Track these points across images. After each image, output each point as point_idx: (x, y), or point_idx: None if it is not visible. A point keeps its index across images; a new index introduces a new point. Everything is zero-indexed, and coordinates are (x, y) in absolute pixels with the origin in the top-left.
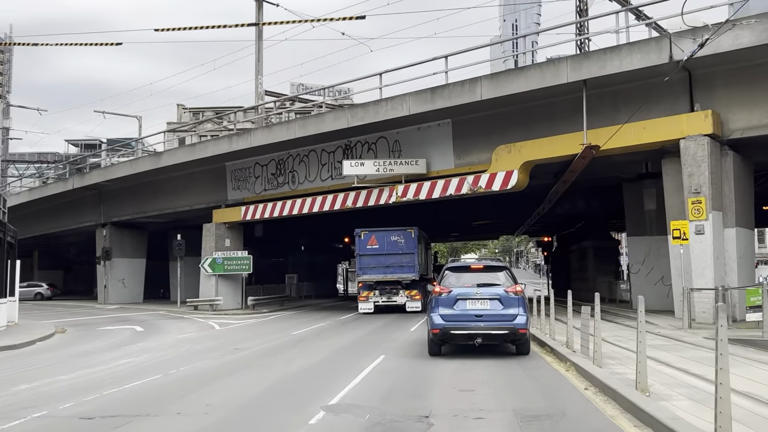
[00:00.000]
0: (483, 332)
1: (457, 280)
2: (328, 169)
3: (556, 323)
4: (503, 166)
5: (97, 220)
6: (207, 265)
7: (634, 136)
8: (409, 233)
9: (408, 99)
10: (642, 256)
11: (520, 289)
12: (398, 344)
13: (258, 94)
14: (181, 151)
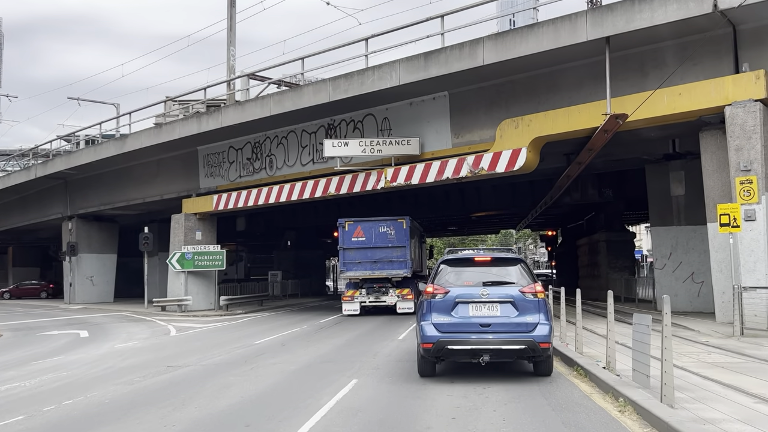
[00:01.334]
0: (491, 347)
1: (457, 277)
2: (309, 152)
3: (584, 332)
4: (509, 144)
5: (64, 212)
6: (175, 261)
7: (668, 104)
8: (400, 224)
9: (398, 66)
10: (668, 250)
11: (540, 289)
12: (380, 360)
13: (230, 67)
14: (146, 134)
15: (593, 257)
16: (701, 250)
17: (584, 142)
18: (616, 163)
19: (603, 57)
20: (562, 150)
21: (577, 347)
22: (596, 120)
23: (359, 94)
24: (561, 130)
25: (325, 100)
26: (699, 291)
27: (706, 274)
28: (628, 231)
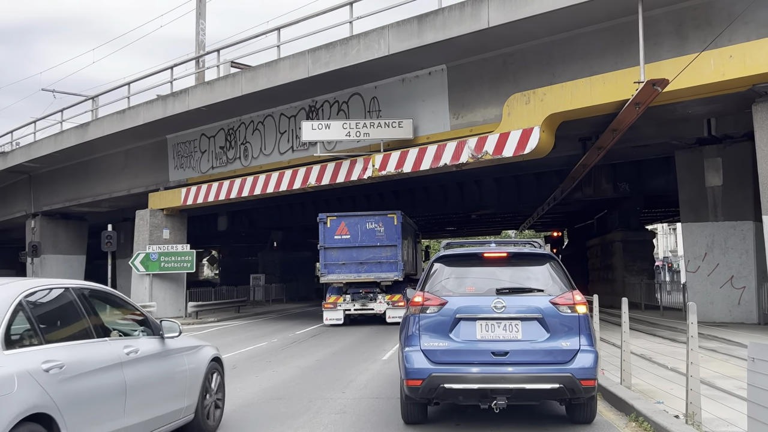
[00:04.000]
0: (510, 386)
1: (459, 282)
2: (288, 139)
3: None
4: (519, 123)
5: (28, 209)
6: (138, 263)
7: (715, 69)
8: (390, 219)
9: (387, 33)
10: (702, 250)
11: (581, 299)
12: (351, 395)
13: (199, 42)
14: (109, 120)
15: (606, 259)
16: (742, 249)
17: (607, 121)
18: (639, 150)
19: (633, 17)
20: (576, 133)
21: (623, 378)
22: (625, 91)
23: (342, 67)
24: (581, 105)
25: (304, 75)
26: (740, 298)
27: (748, 278)
28: (648, 230)
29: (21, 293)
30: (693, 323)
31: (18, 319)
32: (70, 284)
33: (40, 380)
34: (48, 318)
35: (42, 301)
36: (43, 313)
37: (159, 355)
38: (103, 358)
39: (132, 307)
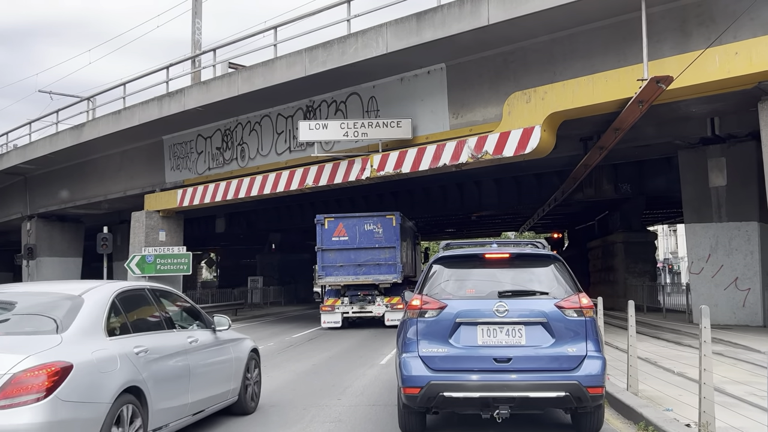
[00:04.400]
0: (513, 395)
1: (459, 284)
2: (285, 139)
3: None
4: (519, 122)
5: (23, 211)
6: (134, 265)
7: (720, 66)
8: (388, 220)
9: (385, 31)
10: (706, 251)
11: (587, 303)
12: (346, 403)
13: (195, 41)
14: (104, 121)
15: (608, 261)
16: (747, 251)
17: (609, 120)
18: (641, 150)
19: (635, 14)
20: (577, 133)
21: (630, 383)
22: (628, 89)
23: (340, 65)
24: (583, 103)
25: (301, 75)
26: (744, 300)
27: (753, 279)
28: (649, 231)
29: (113, 293)
30: (706, 327)
31: (113, 313)
32: (145, 285)
33: (133, 361)
34: (133, 313)
35: (127, 299)
36: (129, 308)
37: (212, 345)
38: (173, 345)
39: (189, 304)
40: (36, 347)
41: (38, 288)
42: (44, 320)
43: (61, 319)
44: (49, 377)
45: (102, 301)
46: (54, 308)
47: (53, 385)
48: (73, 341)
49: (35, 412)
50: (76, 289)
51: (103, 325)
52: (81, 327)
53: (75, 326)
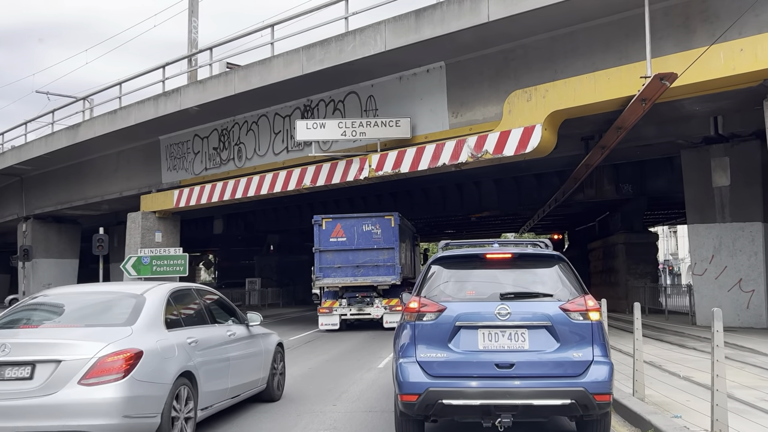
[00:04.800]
0: (516, 402)
1: (459, 286)
2: (282, 139)
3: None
4: (520, 120)
5: (20, 212)
6: (130, 267)
7: (725, 63)
8: (387, 221)
9: (383, 29)
10: (709, 252)
11: (593, 305)
12: (342, 409)
13: (191, 40)
14: (100, 121)
15: (609, 262)
16: (751, 251)
17: (610, 119)
18: (643, 150)
19: (637, 11)
20: (578, 132)
21: (636, 389)
22: (630, 87)
23: (338, 64)
24: (585, 102)
25: (298, 73)
26: (749, 302)
27: (758, 281)
28: (651, 232)
29: (168, 292)
30: (719, 331)
31: (169, 309)
32: (192, 286)
33: (186, 350)
34: (183, 308)
35: (178, 297)
36: (180, 305)
37: (246, 338)
38: (216, 337)
39: (225, 301)
40: (114, 337)
41: (107, 288)
42: (116, 315)
43: (129, 314)
44: (126, 361)
45: (160, 299)
46: (122, 305)
47: (129, 367)
48: (141, 332)
49: (116, 389)
50: (138, 288)
51: (162, 319)
52: (146, 321)
53: (141, 320)
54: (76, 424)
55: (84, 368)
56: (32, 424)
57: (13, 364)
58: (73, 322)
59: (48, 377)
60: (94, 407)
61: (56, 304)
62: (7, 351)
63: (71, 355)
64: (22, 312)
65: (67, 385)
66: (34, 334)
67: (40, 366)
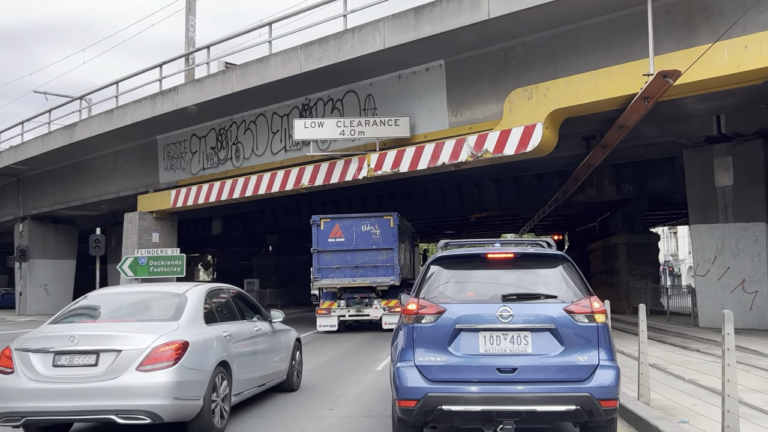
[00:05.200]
0: (518, 408)
1: (459, 287)
2: (280, 139)
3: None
4: (520, 119)
5: (17, 213)
6: (126, 267)
7: (729, 60)
8: (386, 221)
9: (382, 26)
10: (712, 252)
11: (600, 307)
12: (339, 413)
13: (188, 39)
14: (97, 120)
15: (609, 263)
16: (754, 252)
17: (612, 118)
18: (644, 150)
19: (639, 8)
20: (579, 131)
21: (641, 392)
22: (633, 85)
23: (336, 62)
24: (586, 100)
25: (296, 72)
26: (752, 303)
27: (761, 282)
28: (652, 233)
29: (205, 291)
30: (729, 334)
31: (206, 307)
32: (224, 286)
33: (222, 342)
34: (218, 306)
35: (213, 296)
36: (216, 303)
37: (270, 333)
38: (245, 332)
39: (251, 300)
40: (163, 330)
41: (151, 288)
42: (163, 311)
43: (174, 311)
44: (175, 351)
45: (199, 297)
46: (167, 303)
47: (178, 356)
48: (186, 326)
49: (168, 374)
50: (179, 288)
51: (201, 315)
52: (189, 316)
53: (185, 315)
54: (135, 404)
55: (141, 356)
56: (99, 404)
57: (81, 353)
58: (127, 317)
59: (111, 364)
60: (150, 390)
61: (109, 303)
62: (75, 341)
63: (129, 345)
64: (80, 309)
65: (127, 371)
66: (96, 328)
67: (104, 354)
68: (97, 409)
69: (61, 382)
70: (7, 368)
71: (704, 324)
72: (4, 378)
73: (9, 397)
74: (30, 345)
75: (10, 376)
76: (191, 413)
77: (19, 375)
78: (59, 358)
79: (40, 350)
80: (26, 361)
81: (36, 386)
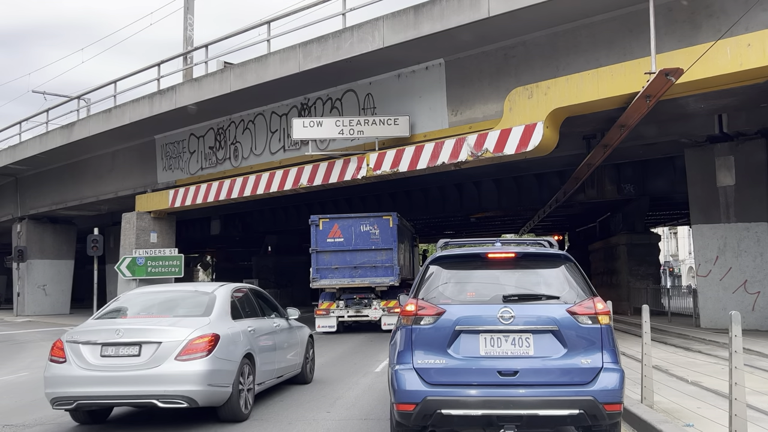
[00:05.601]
0: (520, 412)
1: (458, 287)
2: (279, 138)
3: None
4: (521, 118)
5: (14, 213)
6: (124, 267)
7: (732, 59)
8: (385, 221)
9: (381, 25)
10: (714, 253)
11: (603, 309)
12: (336, 416)
13: (186, 38)
14: (95, 119)
15: (610, 263)
16: (756, 252)
17: (613, 117)
18: (645, 149)
19: (641, 6)
20: (580, 131)
21: (644, 395)
22: (634, 84)
23: (335, 61)
24: (587, 99)
25: (295, 71)
26: (754, 304)
27: (763, 282)
28: (653, 233)
29: (231, 290)
30: (737, 336)
31: (232, 304)
32: (247, 286)
33: (247, 336)
34: (242, 303)
35: (238, 294)
36: (240, 301)
37: (287, 329)
38: (266, 327)
39: (269, 298)
40: (197, 324)
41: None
42: (195, 308)
43: (205, 307)
44: (208, 343)
45: (226, 295)
46: (198, 300)
47: (211, 347)
48: (216, 321)
49: (203, 363)
50: (208, 287)
51: (229, 311)
52: (218, 312)
53: (215, 312)
54: (174, 389)
55: (178, 348)
56: (142, 389)
57: (126, 344)
58: (163, 313)
59: (152, 354)
60: (188, 377)
61: (143, 301)
62: (120, 334)
63: (168, 338)
64: (118, 307)
65: (166, 360)
66: (137, 323)
67: (146, 346)
68: (140, 394)
69: (109, 370)
70: (60, 358)
71: (706, 325)
72: (57, 366)
73: (63, 383)
74: (79, 338)
75: (63, 365)
76: (222, 399)
77: (71, 364)
78: (106, 349)
79: (89, 342)
80: (77, 352)
81: (86, 374)
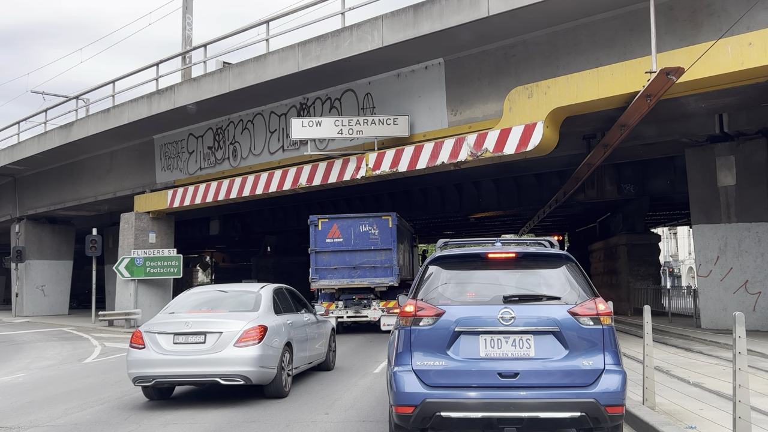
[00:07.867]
0: (521, 415)
1: (458, 288)
2: (278, 138)
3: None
4: (521, 118)
5: (13, 213)
6: (123, 268)
7: (733, 57)
8: (384, 221)
9: (380, 24)
10: (714, 253)
11: (605, 309)
12: (335, 418)
13: (185, 37)
14: (93, 119)
15: (610, 264)
16: (757, 253)
17: (613, 117)
18: (646, 149)
19: (642, 5)
20: (580, 131)
21: (646, 396)
22: (635, 83)
23: (334, 60)
24: (588, 98)
25: (294, 70)
26: (755, 304)
27: (764, 282)
28: (653, 233)
29: (273, 289)
30: (741, 337)
31: (274, 301)
32: (283, 286)
33: (287, 327)
34: (281, 301)
35: (278, 293)
36: (279, 298)
37: (315, 323)
38: (300, 321)
39: (300, 296)
40: (249, 318)
41: (233, 287)
42: (245, 304)
43: (254, 304)
44: (259, 332)
45: (269, 294)
46: (247, 298)
47: (261, 336)
48: (263, 315)
49: (256, 349)
50: (254, 287)
51: (272, 307)
52: (264, 308)
53: (262, 307)
54: (234, 370)
55: (236, 336)
56: (207, 370)
57: (193, 334)
58: (220, 308)
59: (215, 342)
60: (244, 360)
61: (200, 299)
62: (189, 325)
63: (228, 328)
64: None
65: (227, 347)
66: (201, 316)
67: (210, 335)
68: (206, 374)
69: (180, 355)
70: (140, 345)
71: (706, 325)
72: (138, 352)
73: (143, 365)
74: (154, 329)
75: (143, 351)
76: (269, 378)
77: (149, 349)
78: (177, 338)
79: (163, 332)
80: (153, 340)
81: (162, 357)
